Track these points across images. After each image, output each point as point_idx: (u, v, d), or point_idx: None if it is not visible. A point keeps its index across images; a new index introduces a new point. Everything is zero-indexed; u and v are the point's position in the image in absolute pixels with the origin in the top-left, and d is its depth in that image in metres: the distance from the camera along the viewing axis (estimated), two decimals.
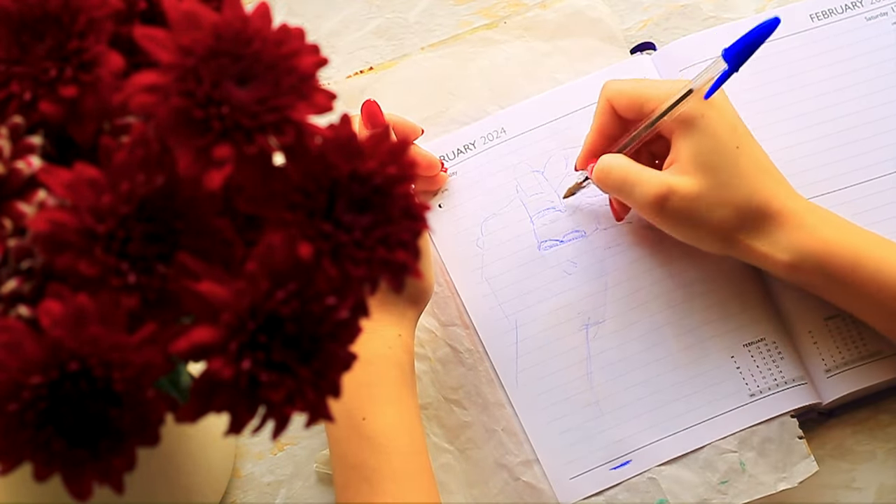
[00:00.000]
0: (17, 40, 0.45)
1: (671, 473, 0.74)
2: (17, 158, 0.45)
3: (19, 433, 0.42)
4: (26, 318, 0.43)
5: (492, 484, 0.75)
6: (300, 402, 0.43)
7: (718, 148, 0.71)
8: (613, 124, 0.75)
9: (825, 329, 0.76)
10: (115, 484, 0.43)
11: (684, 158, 0.71)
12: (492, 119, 0.82)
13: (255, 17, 0.44)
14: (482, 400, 0.76)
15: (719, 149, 0.71)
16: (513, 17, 0.85)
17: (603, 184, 0.75)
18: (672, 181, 0.71)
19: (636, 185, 0.72)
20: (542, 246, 0.79)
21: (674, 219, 0.72)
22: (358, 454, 0.66)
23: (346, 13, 0.86)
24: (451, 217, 0.80)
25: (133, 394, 0.42)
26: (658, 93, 0.73)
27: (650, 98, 0.73)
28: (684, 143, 0.71)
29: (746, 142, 0.72)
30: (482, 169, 0.81)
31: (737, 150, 0.71)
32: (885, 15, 0.83)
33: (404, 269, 0.45)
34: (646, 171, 0.73)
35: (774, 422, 0.74)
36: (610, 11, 0.85)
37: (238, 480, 0.76)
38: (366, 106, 0.75)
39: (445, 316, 0.78)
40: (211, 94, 0.42)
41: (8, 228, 0.44)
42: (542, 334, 0.77)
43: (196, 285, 0.42)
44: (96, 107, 0.45)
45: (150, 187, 0.43)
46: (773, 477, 0.73)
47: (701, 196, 0.70)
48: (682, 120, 0.71)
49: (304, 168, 0.44)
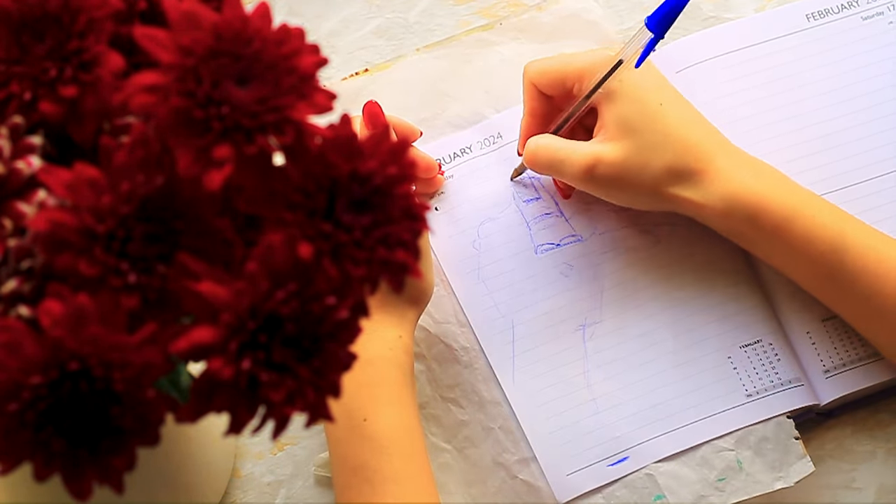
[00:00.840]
0: (17, 40, 0.45)
1: (669, 470, 0.74)
2: (17, 158, 0.45)
3: (19, 433, 0.42)
4: (26, 318, 0.43)
5: (490, 483, 0.75)
6: (300, 402, 0.43)
7: (642, 109, 0.72)
8: (542, 105, 0.76)
9: (823, 330, 0.76)
10: (115, 484, 0.43)
11: (610, 125, 0.72)
12: (488, 123, 0.82)
13: (255, 17, 0.44)
14: (478, 398, 0.76)
15: (643, 110, 0.72)
16: (508, 19, 0.85)
17: (534, 166, 0.76)
18: (598, 150, 0.72)
19: (564, 161, 0.73)
20: (538, 250, 0.79)
21: (604, 185, 0.73)
22: (359, 455, 0.66)
23: (346, 13, 0.86)
24: (448, 219, 0.80)
25: (133, 394, 0.42)
26: (577, 66, 0.74)
27: (570, 73, 0.74)
28: (608, 110, 0.73)
29: (671, 98, 0.73)
30: (479, 173, 0.81)
31: (660, 107, 0.72)
32: (881, 14, 0.83)
33: (404, 269, 0.45)
34: (571, 144, 0.74)
35: (771, 422, 0.74)
36: (605, 14, 0.85)
37: (238, 480, 0.76)
38: (367, 107, 0.75)
39: (440, 314, 0.78)
40: (211, 94, 0.42)
41: (8, 228, 0.44)
42: (539, 334, 0.77)
43: (196, 285, 0.42)
44: (96, 107, 0.45)
45: (150, 187, 0.43)
46: (770, 476, 0.73)
47: (628, 159, 0.71)
48: (605, 91, 0.72)
49: (304, 168, 0.44)
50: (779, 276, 0.77)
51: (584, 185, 0.74)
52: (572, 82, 0.74)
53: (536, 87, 0.76)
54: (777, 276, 0.77)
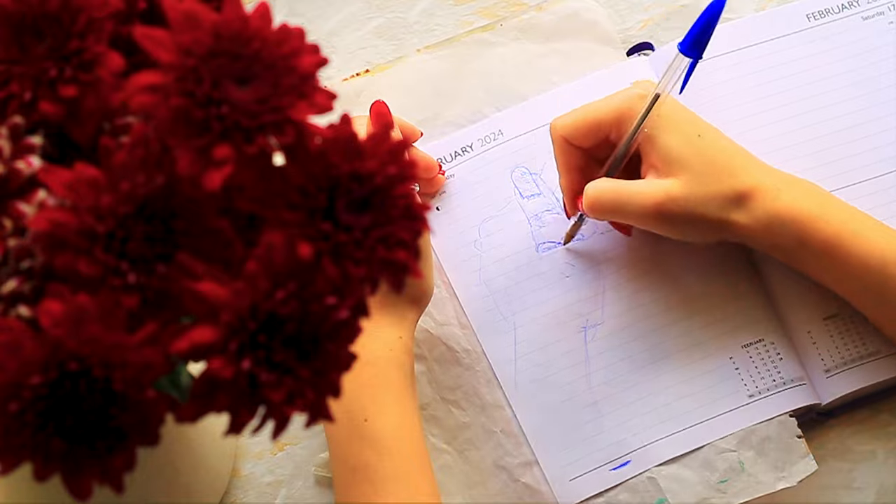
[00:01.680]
0: (17, 40, 0.45)
1: (670, 473, 0.74)
2: (17, 158, 0.45)
3: (19, 433, 0.42)
4: (26, 318, 0.43)
5: (490, 485, 0.75)
6: (300, 402, 0.43)
7: (685, 142, 0.72)
8: (577, 157, 0.75)
9: (824, 329, 0.76)
10: (115, 484, 0.43)
11: (659, 163, 0.72)
12: (489, 122, 0.82)
13: (255, 17, 0.44)
14: (480, 401, 0.76)
15: (686, 142, 0.72)
16: (508, 19, 0.85)
17: (597, 212, 0.74)
18: (665, 186, 0.71)
19: (629, 203, 0.72)
20: (540, 248, 0.79)
21: (674, 222, 0.72)
22: (359, 455, 0.66)
23: (346, 13, 0.86)
24: (449, 219, 0.80)
25: (133, 394, 0.42)
26: (611, 112, 0.73)
27: (605, 120, 0.73)
28: (652, 149, 0.72)
29: (706, 130, 0.73)
30: (480, 171, 0.81)
31: (699, 138, 0.72)
32: (882, 14, 0.83)
33: (404, 269, 0.45)
34: (633, 185, 0.73)
35: (773, 421, 0.74)
36: (606, 13, 0.85)
37: (238, 480, 0.76)
38: (374, 106, 0.75)
39: (442, 316, 0.78)
40: (211, 94, 0.42)
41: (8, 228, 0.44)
42: (541, 336, 0.77)
43: (196, 285, 0.42)
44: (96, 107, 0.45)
45: (150, 187, 0.43)
46: (773, 476, 0.73)
47: (692, 192, 0.71)
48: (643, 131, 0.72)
49: (304, 168, 0.44)
50: (780, 275, 0.77)
51: (652, 223, 0.73)
52: (608, 129, 0.73)
53: (569, 141, 0.74)
54: (778, 276, 0.77)
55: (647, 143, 0.72)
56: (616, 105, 0.73)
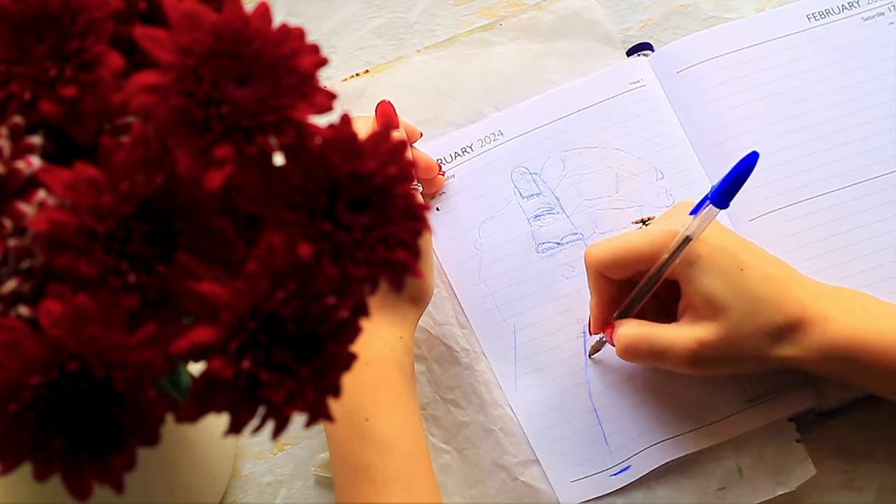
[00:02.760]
0: (17, 40, 0.45)
1: (668, 479, 0.74)
2: (17, 158, 0.45)
3: (19, 433, 0.42)
4: (26, 318, 0.43)
5: (490, 484, 0.75)
6: (300, 402, 0.43)
7: (727, 280, 0.69)
8: (611, 288, 0.73)
9: None
10: (115, 484, 0.43)
11: (698, 303, 0.69)
12: (489, 122, 0.82)
13: (255, 17, 0.44)
14: (479, 400, 0.76)
15: (728, 281, 0.69)
16: (508, 19, 0.85)
17: (632, 359, 0.73)
18: (696, 334, 0.69)
19: (665, 352, 0.70)
20: (539, 248, 0.79)
21: (710, 366, 0.70)
22: (361, 455, 0.66)
23: (346, 13, 0.86)
24: (449, 220, 0.80)
25: (133, 394, 0.42)
26: (647, 249, 0.71)
27: (640, 257, 0.71)
28: (692, 288, 0.69)
29: (748, 261, 0.70)
30: (479, 172, 0.81)
31: (742, 272, 0.69)
32: (882, 15, 0.83)
33: (404, 269, 0.45)
34: (666, 332, 0.70)
35: (772, 426, 0.74)
36: (606, 13, 0.85)
37: (238, 480, 0.76)
38: (380, 106, 0.75)
39: (441, 315, 0.77)
40: (211, 94, 0.42)
41: (8, 228, 0.44)
42: (541, 340, 0.77)
43: (196, 285, 0.42)
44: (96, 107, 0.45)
45: (150, 187, 0.43)
46: (771, 481, 0.73)
47: (727, 336, 0.69)
48: (680, 268, 0.70)
49: (304, 168, 0.44)
50: None
51: (688, 370, 0.71)
52: (646, 263, 0.71)
53: (604, 274, 0.73)
54: None
55: (685, 282, 0.70)
56: (653, 238, 0.71)
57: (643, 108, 0.81)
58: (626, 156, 0.80)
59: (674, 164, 0.80)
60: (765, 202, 0.77)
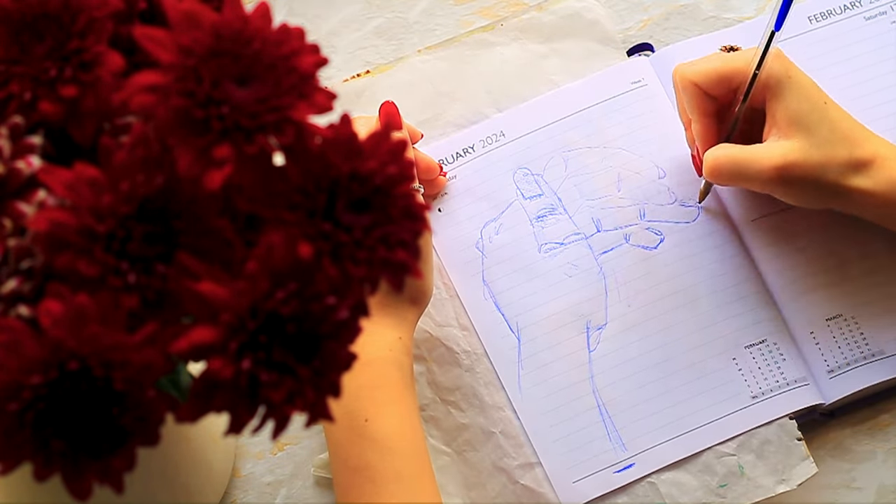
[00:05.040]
0: (17, 40, 0.45)
1: (670, 477, 0.74)
2: (17, 158, 0.45)
3: (19, 433, 0.42)
4: (26, 318, 0.43)
5: (490, 486, 0.75)
6: (300, 401, 0.43)
7: (812, 106, 0.72)
8: (710, 104, 0.75)
9: (827, 330, 0.76)
10: (115, 484, 0.43)
11: (783, 122, 0.72)
12: (490, 122, 0.82)
13: (255, 17, 0.44)
14: (479, 402, 0.76)
15: (813, 107, 0.72)
16: (509, 20, 0.85)
17: (718, 178, 0.75)
18: (784, 150, 0.71)
19: (749, 169, 0.72)
20: (542, 249, 0.79)
21: (796, 186, 0.72)
22: (361, 456, 0.66)
23: (346, 13, 0.86)
24: (451, 221, 0.80)
25: (133, 394, 0.42)
26: (741, 63, 0.73)
27: (736, 70, 0.73)
28: (780, 107, 0.72)
29: (830, 99, 0.73)
30: (481, 173, 0.81)
31: (825, 105, 0.72)
32: (884, 14, 0.83)
33: (404, 269, 0.45)
34: (752, 150, 0.73)
35: (773, 424, 0.74)
36: (606, 13, 0.85)
37: (238, 480, 0.76)
38: (384, 107, 0.75)
39: (441, 317, 0.77)
40: (211, 94, 0.42)
41: (8, 228, 0.44)
42: (544, 338, 0.77)
43: (196, 285, 0.42)
44: (96, 107, 0.45)
45: (150, 187, 0.43)
46: (772, 479, 0.73)
47: (811, 157, 0.71)
48: (770, 86, 0.72)
49: (304, 168, 0.44)
50: (782, 276, 0.77)
51: (771, 187, 0.73)
52: (739, 80, 0.73)
53: (701, 87, 0.74)
54: (780, 275, 0.77)
55: (774, 100, 0.72)
56: (745, 57, 0.73)
57: (645, 108, 0.81)
58: (628, 154, 0.80)
59: (676, 162, 0.80)
60: (769, 202, 0.77)
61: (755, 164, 0.72)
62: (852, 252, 0.77)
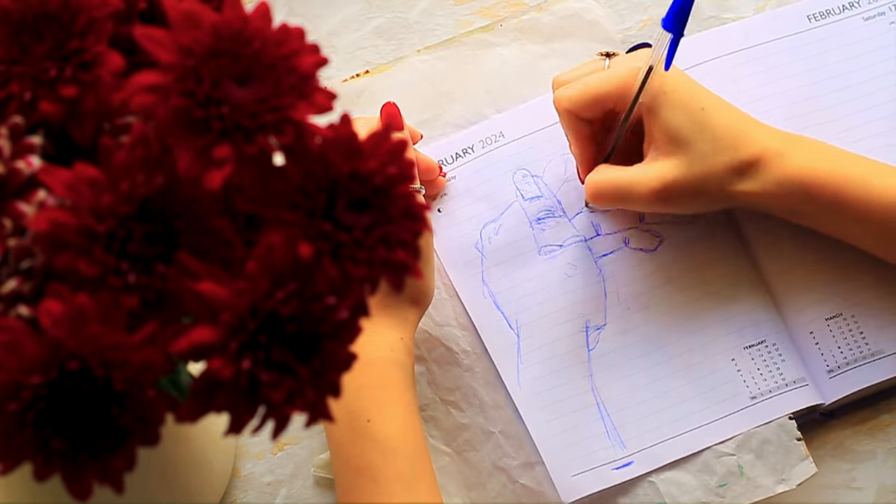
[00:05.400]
0: (17, 40, 0.45)
1: (669, 476, 0.74)
2: (17, 158, 0.45)
3: (19, 433, 0.42)
4: (26, 318, 0.43)
5: (490, 486, 0.75)
6: (300, 401, 0.43)
7: (688, 117, 0.71)
8: (584, 127, 0.75)
9: (826, 329, 0.76)
10: (115, 484, 0.43)
11: (661, 139, 0.72)
12: (490, 123, 0.82)
13: (255, 17, 0.44)
14: (479, 402, 0.76)
15: (689, 118, 0.71)
16: (508, 20, 0.85)
17: (600, 203, 0.75)
18: (659, 171, 0.71)
19: (630, 193, 0.73)
20: (542, 250, 0.79)
21: (677, 202, 0.73)
22: (363, 456, 0.66)
23: (346, 13, 0.86)
24: (451, 221, 0.80)
25: (133, 394, 0.42)
26: (613, 85, 0.73)
27: (607, 94, 0.73)
28: (655, 124, 0.72)
29: (709, 100, 0.73)
30: (481, 173, 0.81)
31: (703, 111, 0.72)
32: (883, 15, 0.83)
33: (404, 269, 0.45)
34: (630, 172, 0.73)
35: (773, 423, 0.74)
36: (606, 13, 0.85)
37: (238, 480, 0.76)
38: (385, 108, 0.76)
39: (441, 317, 0.77)
40: (211, 94, 0.42)
41: (8, 228, 0.44)
42: (544, 336, 0.77)
43: (196, 285, 0.42)
44: (96, 107, 0.45)
45: (150, 187, 0.43)
46: (772, 479, 0.73)
47: (690, 171, 0.71)
48: (645, 103, 0.72)
49: (304, 168, 0.44)
50: (781, 275, 0.77)
51: (654, 208, 0.74)
52: (612, 101, 0.73)
53: (575, 113, 0.74)
54: (780, 276, 0.77)
55: (649, 118, 0.72)
56: (618, 77, 0.73)
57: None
58: None
59: None
60: None
61: (634, 189, 0.72)
62: (852, 252, 0.77)
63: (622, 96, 0.72)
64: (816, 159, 0.72)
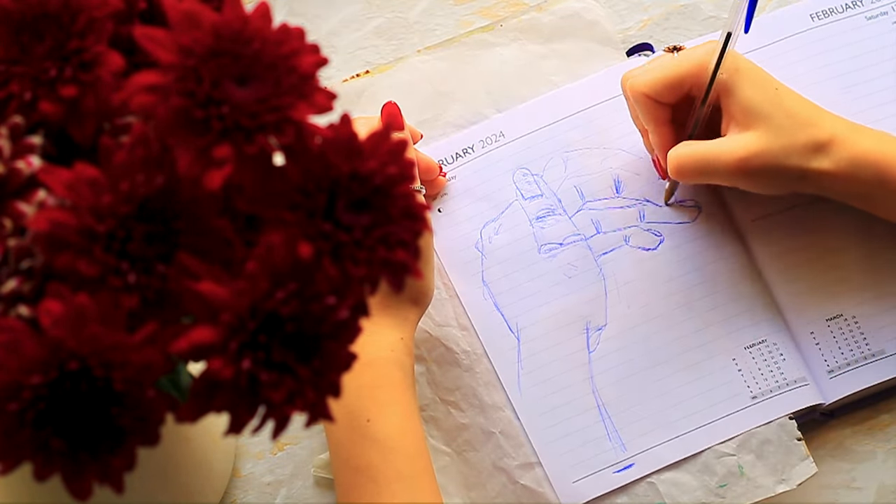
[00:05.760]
0: (17, 40, 0.45)
1: (669, 477, 0.74)
2: (17, 158, 0.45)
3: (19, 433, 0.42)
4: (26, 318, 0.43)
5: (490, 487, 0.75)
6: (300, 401, 0.43)
7: (764, 94, 0.73)
8: (664, 112, 0.76)
9: (827, 329, 0.76)
10: (115, 484, 0.43)
11: (740, 115, 0.73)
12: (490, 123, 0.82)
13: (255, 17, 0.44)
14: (479, 402, 0.76)
15: (765, 95, 0.73)
16: (508, 20, 0.85)
17: (683, 176, 0.75)
18: (745, 142, 0.72)
19: (712, 164, 0.73)
20: (542, 250, 0.79)
21: (759, 175, 0.73)
22: (363, 456, 0.66)
23: (346, 13, 0.86)
24: (451, 221, 0.80)
25: (133, 394, 0.42)
26: (691, 65, 0.74)
27: (685, 74, 0.74)
28: (734, 101, 0.73)
29: (782, 85, 0.74)
30: (481, 173, 0.81)
31: (777, 91, 0.73)
32: (886, 14, 0.83)
33: (404, 269, 0.45)
34: (713, 145, 0.74)
35: (773, 424, 0.74)
36: (606, 14, 0.85)
37: (238, 480, 0.76)
38: (386, 108, 0.76)
39: (441, 317, 0.77)
40: (211, 94, 0.42)
41: (8, 228, 0.44)
42: (544, 338, 0.77)
43: (196, 285, 0.42)
44: (96, 107, 0.45)
45: (150, 187, 0.43)
46: (772, 479, 0.73)
47: (770, 145, 0.72)
48: (721, 82, 0.73)
49: (304, 168, 0.44)
50: (782, 276, 0.77)
51: (736, 180, 0.74)
52: (690, 82, 0.74)
53: (652, 97, 0.75)
54: (780, 276, 0.77)
55: (727, 96, 0.73)
56: (694, 58, 0.74)
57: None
58: (628, 155, 0.80)
59: None
60: (769, 202, 0.77)
61: (718, 159, 0.73)
62: (852, 252, 0.77)
63: (699, 75, 0.73)
64: (885, 142, 0.73)
